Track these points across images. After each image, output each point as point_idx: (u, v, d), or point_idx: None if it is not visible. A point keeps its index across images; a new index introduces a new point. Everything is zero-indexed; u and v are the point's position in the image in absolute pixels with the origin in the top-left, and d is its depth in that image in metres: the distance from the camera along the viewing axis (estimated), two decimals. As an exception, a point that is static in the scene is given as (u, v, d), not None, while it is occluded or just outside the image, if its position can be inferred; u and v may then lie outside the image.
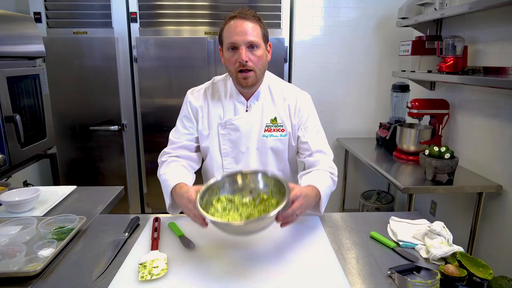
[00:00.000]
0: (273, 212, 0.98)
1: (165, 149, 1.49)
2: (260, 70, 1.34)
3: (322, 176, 1.34)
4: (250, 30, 1.29)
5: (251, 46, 1.30)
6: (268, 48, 1.39)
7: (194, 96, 1.46)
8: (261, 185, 1.18)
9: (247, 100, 1.42)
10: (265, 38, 1.35)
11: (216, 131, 1.42)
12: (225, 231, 1.05)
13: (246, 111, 1.42)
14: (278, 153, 1.43)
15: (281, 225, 1.09)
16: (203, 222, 1.10)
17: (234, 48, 1.30)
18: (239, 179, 1.18)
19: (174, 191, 1.29)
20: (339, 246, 1.21)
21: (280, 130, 1.41)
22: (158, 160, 1.49)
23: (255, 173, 1.19)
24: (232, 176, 1.18)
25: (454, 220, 2.48)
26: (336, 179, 1.41)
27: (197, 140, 1.48)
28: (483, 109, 2.23)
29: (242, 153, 1.41)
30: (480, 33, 2.24)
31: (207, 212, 1.07)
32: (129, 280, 1.00)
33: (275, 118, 1.41)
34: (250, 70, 1.31)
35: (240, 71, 1.31)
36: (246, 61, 1.29)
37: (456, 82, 2.14)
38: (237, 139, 1.40)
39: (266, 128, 1.41)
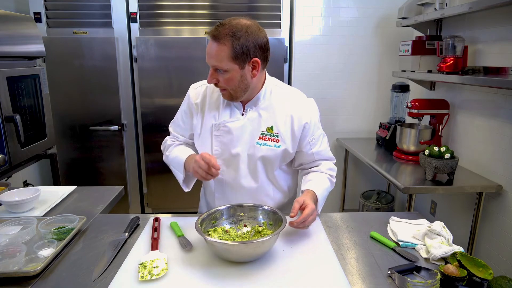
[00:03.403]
0: (271, 236, 1.05)
1: (167, 137, 1.57)
2: (234, 90, 1.28)
3: (320, 179, 1.40)
4: (213, 53, 1.21)
5: (217, 69, 1.24)
6: (251, 66, 1.25)
7: (195, 92, 1.47)
8: (257, 218, 1.27)
9: (244, 105, 1.38)
10: (241, 58, 1.21)
11: (209, 131, 1.40)
12: (226, 254, 1.08)
13: (242, 114, 1.38)
14: (269, 162, 1.39)
15: (302, 226, 1.22)
16: (217, 171, 1.25)
17: None
18: (237, 211, 1.28)
19: (186, 163, 1.36)
20: (339, 246, 1.21)
21: (274, 140, 1.36)
22: (162, 147, 1.57)
23: (253, 206, 1.28)
24: (230, 208, 1.27)
25: (454, 220, 2.48)
26: (334, 180, 1.47)
27: (192, 136, 1.50)
28: (483, 109, 2.23)
29: (232, 156, 1.38)
30: (480, 33, 2.24)
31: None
32: (129, 280, 1.00)
33: (272, 127, 1.36)
34: (224, 89, 1.30)
35: None
36: (215, 83, 1.28)
37: (456, 82, 2.14)
38: (229, 142, 1.37)
39: (261, 136, 1.36)
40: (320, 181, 1.39)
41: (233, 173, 1.41)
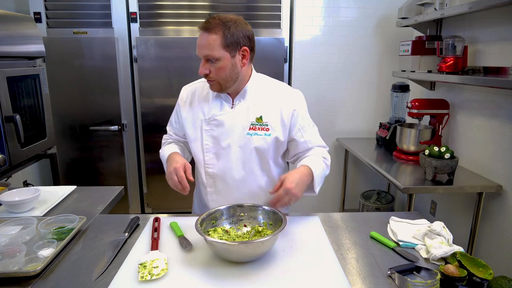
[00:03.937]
0: (271, 236, 1.05)
1: (164, 136, 1.67)
2: (224, 79, 1.33)
3: (314, 159, 1.42)
4: (205, 43, 1.27)
5: (209, 59, 1.29)
6: (241, 55, 1.32)
7: (184, 92, 1.52)
8: (258, 218, 1.27)
9: (233, 98, 1.43)
10: (232, 46, 1.28)
11: (199, 127, 1.44)
12: (226, 254, 1.08)
13: (232, 107, 1.43)
14: (262, 152, 1.43)
15: (275, 206, 1.25)
16: (184, 189, 1.30)
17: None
18: (237, 211, 1.28)
19: (168, 160, 1.42)
20: (339, 246, 1.21)
21: (264, 129, 1.41)
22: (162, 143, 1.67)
23: (253, 206, 1.28)
24: (230, 208, 1.28)
25: (454, 220, 2.48)
26: (328, 163, 1.47)
27: (184, 136, 1.55)
28: (483, 109, 2.23)
29: (223, 149, 1.42)
30: (480, 33, 2.24)
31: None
32: (129, 280, 1.00)
33: (261, 117, 1.41)
34: (213, 80, 1.34)
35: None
36: (206, 74, 1.32)
37: (456, 82, 2.14)
38: (218, 135, 1.41)
39: (251, 126, 1.40)
40: (315, 161, 1.40)
41: (224, 166, 1.43)
